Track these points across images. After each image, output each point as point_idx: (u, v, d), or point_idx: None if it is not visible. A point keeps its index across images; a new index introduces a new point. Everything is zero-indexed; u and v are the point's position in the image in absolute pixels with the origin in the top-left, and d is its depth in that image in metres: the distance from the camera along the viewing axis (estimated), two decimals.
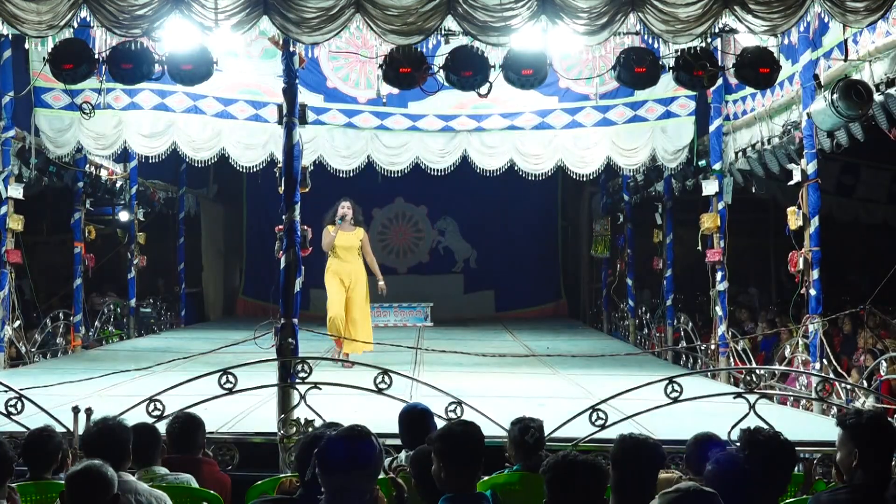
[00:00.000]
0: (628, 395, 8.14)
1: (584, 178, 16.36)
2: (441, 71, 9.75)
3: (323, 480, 4.07)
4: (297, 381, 8.26)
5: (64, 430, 7.22)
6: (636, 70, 9.80)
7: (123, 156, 16.36)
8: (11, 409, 8.03)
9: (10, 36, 11.83)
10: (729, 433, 6.66)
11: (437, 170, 15.78)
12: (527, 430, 6.19)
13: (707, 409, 8.57)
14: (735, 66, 10.00)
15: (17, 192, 14.10)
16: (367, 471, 4.12)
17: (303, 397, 7.92)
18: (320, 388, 8.10)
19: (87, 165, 17.07)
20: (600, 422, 7.73)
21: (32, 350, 15.10)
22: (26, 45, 11.91)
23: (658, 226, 17.83)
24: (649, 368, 13.33)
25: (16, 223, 14.07)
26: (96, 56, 9.72)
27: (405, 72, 9.62)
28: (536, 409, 7.60)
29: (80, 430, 7.02)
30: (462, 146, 15.48)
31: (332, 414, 7.37)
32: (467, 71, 9.70)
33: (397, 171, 15.87)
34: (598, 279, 22.45)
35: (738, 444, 5.04)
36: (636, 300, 19.46)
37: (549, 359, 14.01)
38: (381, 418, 7.11)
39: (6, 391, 8.27)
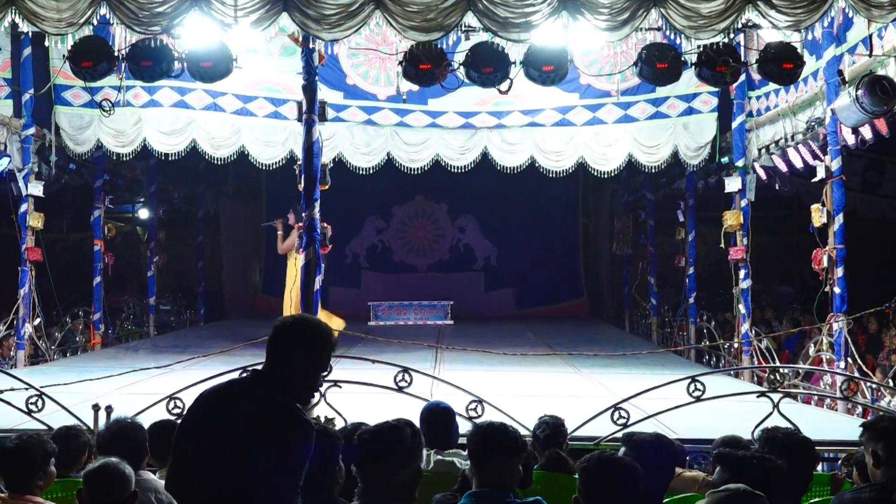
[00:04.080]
0: (650, 394, 8.12)
1: (606, 176, 16.28)
2: (461, 67, 9.78)
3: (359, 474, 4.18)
4: None
5: (84, 427, 7.26)
6: (658, 66, 9.79)
7: (143, 153, 16.40)
8: (32, 407, 8.07)
9: (31, 33, 11.92)
10: (752, 432, 6.61)
11: (458, 167, 15.80)
12: (539, 426, 6.22)
13: (730, 409, 8.52)
14: (758, 62, 9.97)
15: (37, 189, 14.19)
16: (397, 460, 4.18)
17: (322, 395, 7.89)
18: (340, 387, 8.08)
19: (108, 163, 17.21)
20: (622, 420, 7.71)
21: (52, 347, 15.24)
22: (46, 43, 11.91)
23: (680, 223, 17.78)
24: (672, 367, 13.28)
25: (36, 221, 14.15)
26: (116, 53, 9.79)
27: (425, 68, 9.65)
28: (558, 408, 7.56)
29: (101, 428, 7.05)
30: (482, 143, 15.48)
31: (351, 412, 7.38)
32: (488, 67, 9.71)
33: (417, 169, 15.86)
34: (619, 277, 22.44)
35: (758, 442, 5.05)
36: (658, 298, 19.39)
37: (571, 357, 13.97)
38: (402, 416, 7.08)
39: (27, 388, 8.32)
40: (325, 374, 3.98)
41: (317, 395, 8.01)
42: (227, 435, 3.57)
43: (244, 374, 3.91)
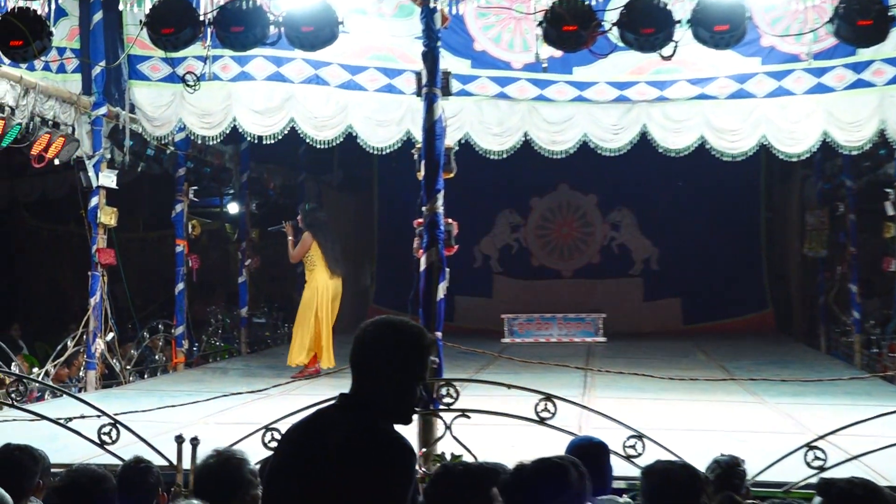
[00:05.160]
0: (854, 430, 7.96)
1: (794, 159, 16.01)
2: (614, 28, 9.72)
3: None
4: (442, 407, 8.34)
5: (166, 463, 7.48)
6: (859, 23, 9.58)
7: (233, 136, 16.57)
8: (105, 438, 8.24)
9: None
10: None
11: (610, 149, 15.62)
12: (711, 466, 6.20)
13: None
14: None
15: (109, 180, 14.50)
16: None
17: (448, 427, 7.95)
18: (469, 417, 8.14)
19: (192, 148, 17.50)
20: (818, 463, 7.58)
21: (128, 368, 15.51)
22: (120, 7, 12.06)
23: (889, 217, 17.33)
24: (880, 397, 13.00)
25: (108, 217, 14.46)
26: (201, 18, 10.00)
27: (570, 30, 9.62)
28: (736, 446, 7.47)
29: (186, 464, 7.22)
30: (640, 120, 15.29)
31: (483, 448, 7.44)
32: (647, 28, 9.64)
33: (561, 152, 15.68)
34: (812, 284, 21.91)
35: None
36: (862, 311, 18.91)
37: (753, 383, 13.77)
38: (544, 454, 7.07)
39: (99, 416, 8.47)
40: (423, 383, 3.93)
41: (441, 426, 8.15)
42: (316, 475, 3.63)
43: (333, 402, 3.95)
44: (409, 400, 3.84)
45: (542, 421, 8.20)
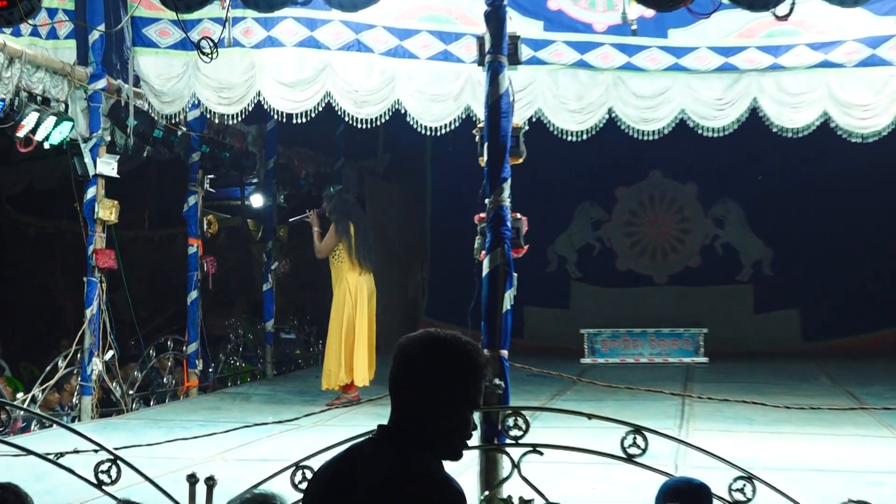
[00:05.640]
0: None
1: None
2: None
3: None
4: (508, 441, 8.26)
5: None
6: None
7: (257, 114, 16.50)
8: (103, 477, 8.20)
9: None
10: None
11: (713, 129, 15.47)
12: None
13: None
14: None
15: (109, 167, 14.58)
16: None
17: (516, 466, 7.91)
18: (541, 453, 8.04)
19: (207, 128, 17.50)
20: None
21: (130, 393, 15.56)
22: None
23: None
24: None
25: (108, 212, 14.54)
26: None
27: None
28: (869, 490, 7.40)
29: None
30: (750, 93, 15.13)
31: (558, 491, 7.46)
32: None
33: (653, 132, 15.54)
34: None
35: None
36: None
37: (888, 413, 13.46)
38: (632, 499, 7.05)
39: (96, 451, 8.43)
40: (478, 411, 3.99)
41: (507, 464, 8.09)
42: None
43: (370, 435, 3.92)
44: (461, 432, 3.78)
45: (629, 458, 8.09)
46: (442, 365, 3.74)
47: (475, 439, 7.87)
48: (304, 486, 7.60)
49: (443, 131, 15.57)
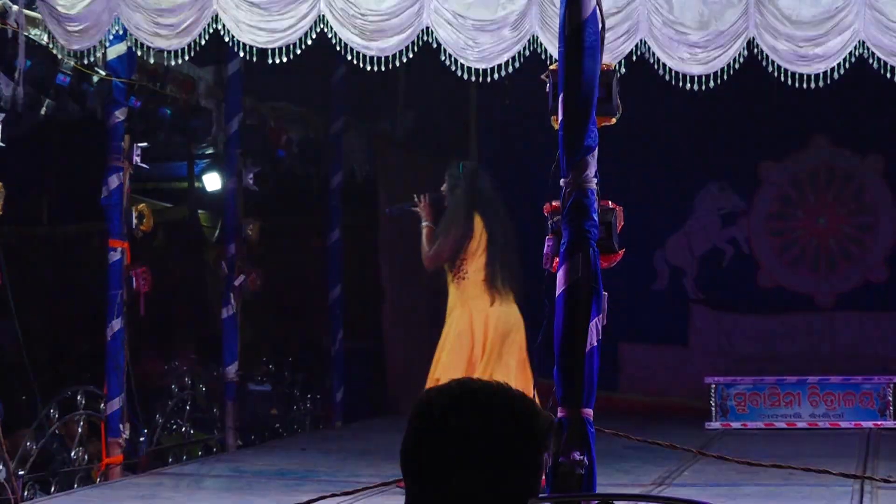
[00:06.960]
0: None
1: None
2: None
3: None
4: None
5: None
6: None
7: (214, 51, 15.11)
8: None
9: None
10: None
11: None
12: None
13: None
14: None
15: None
16: None
17: None
18: None
19: (138, 72, 15.63)
20: None
21: (20, 474, 13.96)
22: None
23: None
24: None
25: None
26: None
27: None
28: None
29: None
30: None
31: None
32: None
33: (816, 78, 13.53)
34: None
35: None
36: None
37: None
38: None
39: None
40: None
41: None
42: None
43: None
44: None
45: None
46: (482, 433, 3.03)
47: None
48: None
49: (494, 76, 13.97)
